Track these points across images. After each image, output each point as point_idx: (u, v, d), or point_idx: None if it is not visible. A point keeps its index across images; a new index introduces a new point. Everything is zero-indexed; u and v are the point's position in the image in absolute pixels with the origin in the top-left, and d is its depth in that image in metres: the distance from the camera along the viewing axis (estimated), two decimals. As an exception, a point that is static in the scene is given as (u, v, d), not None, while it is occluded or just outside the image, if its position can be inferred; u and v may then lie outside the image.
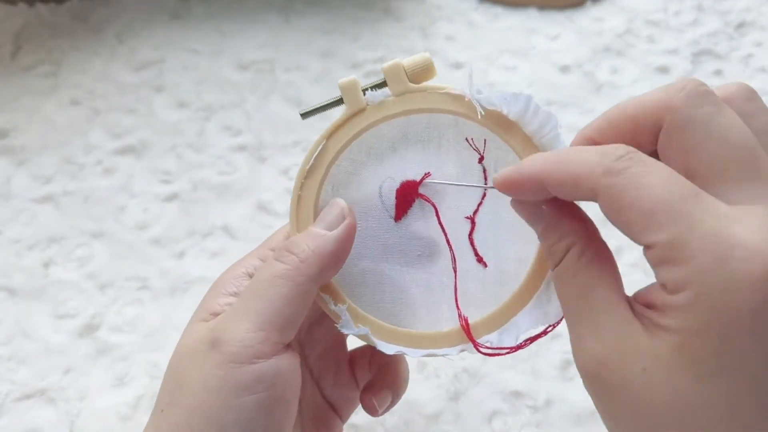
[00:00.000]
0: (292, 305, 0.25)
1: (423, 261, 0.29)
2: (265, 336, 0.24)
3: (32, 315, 0.43)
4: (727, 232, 0.18)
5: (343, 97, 0.27)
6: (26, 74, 0.58)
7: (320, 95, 0.57)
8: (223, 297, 0.27)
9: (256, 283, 0.25)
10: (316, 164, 0.27)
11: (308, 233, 0.26)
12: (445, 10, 0.67)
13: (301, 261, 0.25)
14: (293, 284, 0.25)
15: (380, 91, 0.27)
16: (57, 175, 0.51)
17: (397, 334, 0.27)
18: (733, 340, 0.18)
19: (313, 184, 0.27)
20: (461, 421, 0.39)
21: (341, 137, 0.28)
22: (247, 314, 0.24)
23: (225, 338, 0.24)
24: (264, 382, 0.24)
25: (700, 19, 0.66)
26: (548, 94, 0.58)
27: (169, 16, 0.64)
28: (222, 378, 0.23)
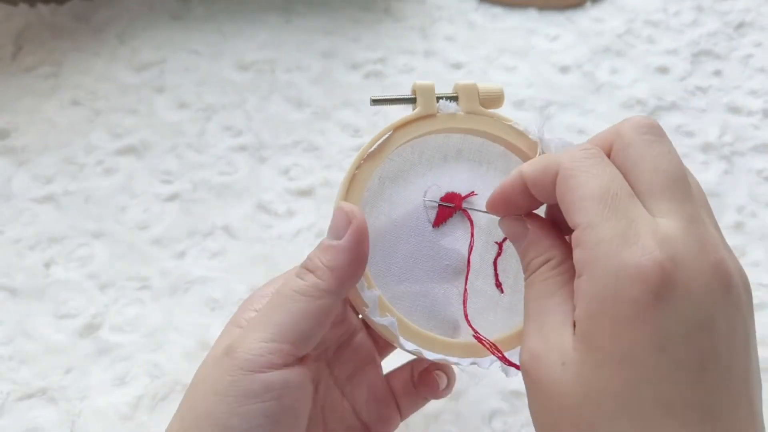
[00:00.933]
0: (308, 320, 0.25)
1: (449, 271, 0.29)
2: (277, 347, 0.25)
3: (33, 315, 0.43)
4: (636, 229, 0.21)
5: (418, 98, 0.28)
6: (27, 75, 0.59)
7: (321, 96, 0.58)
8: (249, 312, 0.28)
9: (276, 297, 0.26)
10: (377, 151, 0.28)
11: (321, 247, 0.26)
12: (445, 10, 0.67)
13: (317, 278, 0.25)
14: (310, 299, 0.25)
15: (452, 103, 0.29)
16: (58, 176, 0.51)
17: (416, 333, 0.28)
18: (623, 327, 0.20)
19: (369, 168, 0.28)
20: (461, 420, 0.39)
21: (406, 134, 0.28)
22: (264, 325, 0.25)
23: (238, 346, 0.25)
24: (271, 392, 0.24)
25: (700, 19, 0.66)
26: (548, 94, 0.59)
27: (170, 17, 0.65)
28: (231, 383, 0.24)
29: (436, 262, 0.29)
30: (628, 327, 0.20)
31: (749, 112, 0.58)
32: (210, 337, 0.42)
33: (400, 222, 0.29)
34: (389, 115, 0.56)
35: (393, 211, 0.29)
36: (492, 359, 0.28)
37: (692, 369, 0.20)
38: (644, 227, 0.21)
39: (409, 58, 0.61)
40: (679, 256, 0.20)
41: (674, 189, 0.22)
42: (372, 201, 0.28)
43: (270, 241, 0.47)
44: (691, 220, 0.21)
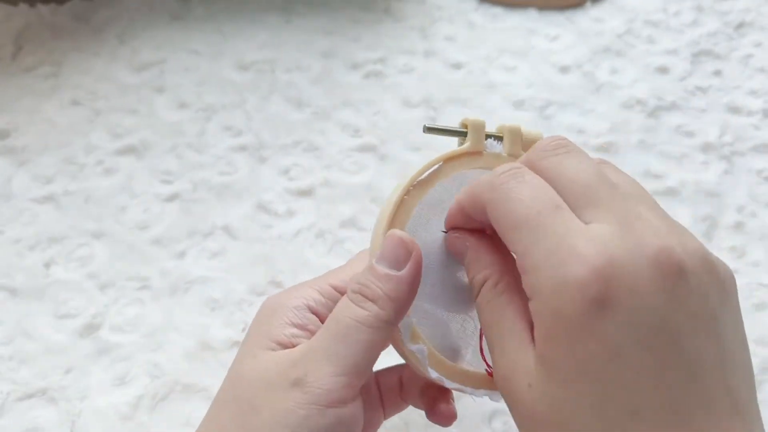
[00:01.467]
0: (372, 351, 0.25)
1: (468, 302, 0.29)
2: (348, 381, 0.25)
3: (33, 315, 0.43)
4: (567, 243, 0.20)
5: (469, 133, 0.29)
6: (27, 75, 0.59)
7: (321, 96, 0.58)
8: (289, 327, 0.27)
9: (337, 326, 0.25)
10: (426, 180, 0.29)
11: (377, 274, 0.26)
12: (446, 10, 0.67)
13: (380, 308, 0.25)
14: (374, 330, 0.25)
15: (498, 144, 0.30)
16: (58, 176, 0.51)
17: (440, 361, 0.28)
18: (574, 343, 0.20)
19: (417, 195, 0.28)
20: (461, 420, 0.39)
21: (454, 167, 0.29)
22: (330, 358, 0.25)
23: (309, 379, 0.24)
24: (343, 426, 0.24)
25: (700, 19, 0.66)
26: (548, 94, 0.59)
27: (170, 17, 0.65)
28: (304, 418, 0.24)
29: (459, 293, 0.29)
30: (579, 342, 0.19)
31: (749, 112, 0.58)
32: (210, 337, 0.42)
33: (434, 250, 0.29)
34: (389, 117, 0.56)
35: (429, 239, 0.29)
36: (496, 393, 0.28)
37: (653, 371, 0.19)
38: (576, 238, 0.20)
39: (409, 58, 0.61)
40: (616, 256, 0.19)
41: (596, 194, 0.21)
42: (411, 227, 0.29)
43: (270, 241, 0.47)
44: (623, 217, 0.21)
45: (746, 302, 0.44)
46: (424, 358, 0.27)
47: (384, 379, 0.33)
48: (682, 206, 0.50)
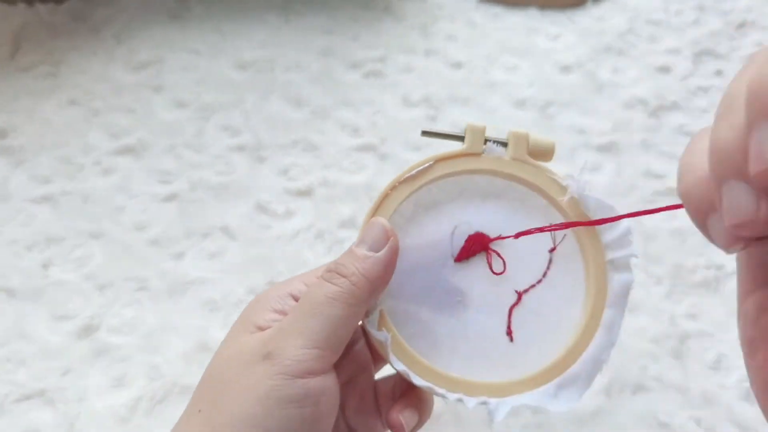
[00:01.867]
0: (345, 326, 0.26)
1: (458, 307, 0.30)
2: (318, 353, 0.25)
3: (31, 316, 0.43)
4: None
5: (467, 135, 0.29)
6: (25, 74, 0.58)
7: (320, 95, 0.57)
8: (269, 313, 0.28)
9: (309, 302, 0.26)
10: (416, 177, 0.29)
11: (354, 255, 0.27)
12: (446, 9, 0.66)
13: (352, 284, 0.26)
14: (346, 305, 0.26)
15: (499, 147, 0.29)
16: (55, 176, 0.51)
17: (410, 356, 0.28)
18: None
19: (404, 190, 0.29)
20: (462, 421, 0.38)
21: (448, 167, 0.29)
22: (302, 331, 0.25)
23: (279, 352, 0.25)
24: (311, 398, 0.25)
25: (701, 18, 0.66)
26: (549, 93, 0.58)
27: (168, 17, 0.64)
28: (272, 388, 0.24)
29: (449, 296, 0.30)
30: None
31: (751, 111, 0.57)
32: (209, 339, 0.41)
33: (425, 249, 0.29)
34: (388, 116, 0.56)
35: (420, 238, 0.29)
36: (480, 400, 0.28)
37: None
38: None
39: (409, 57, 0.61)
40: None
41: None
42: (402, 224, 0.29)
43: (269, 241, 0.47)
44: None
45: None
46: (388, 347, 0.27)
47: (381, 387, 0.33)
48: (684, 206, 0.50)
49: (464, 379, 0.28)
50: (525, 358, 0.29)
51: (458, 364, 0.29)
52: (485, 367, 0.29)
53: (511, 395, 0.28)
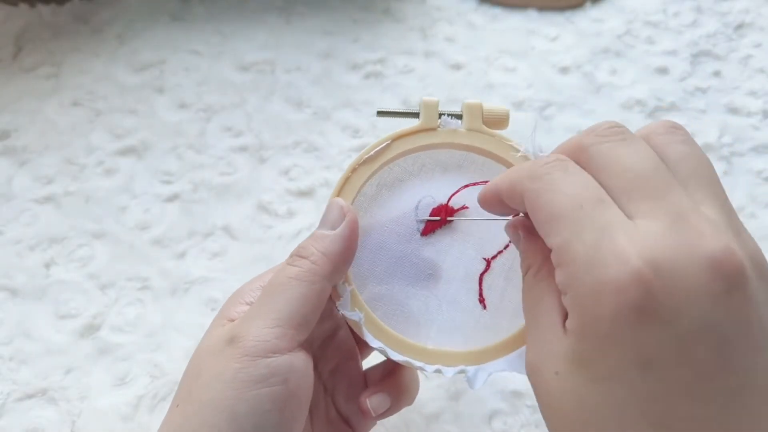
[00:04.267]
0: (307, 304, 0.26)
1: (429, 280, 0.30)
2: (281, 332, 0.25)
3: (33, 315, 0.43)
4: (607, 239, 0.19)
5: (421, 111, 0.29)
6: (27, 75, 0.59)
7: (321, 96, 0.58)
8: (241, 305, 0.28)
9: (271, 286, 0.26)
10: (375, 157, 0.29)
11: (314, 236, 0.27)
12: (445, 11, 0.67)
13: (312, 263, 0.26)
14: (307, 284, 0.26)
15: (454, 120, 0.30)
16: (58, 176, 0.51)
17: (385, 333, 0.29)
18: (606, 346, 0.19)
19: (364, 171, 0.29)
20: (461, 420, 0.39)
21: (406, 144, 0.29)
22: (265, 313, 0.26)
23: (242, 334, 0.25)
24: (278, 376, 0.25)
25: (699, 20, 0.66)
26: (548, 95, 0.59)
27: (170, 18, 0.65)
28: (237, 370, 0.24)
29: (419, 271, 0.30)
30: (611, 346, 0.19)
31: (749, 112, 0.58)
32: (210, 338, 0.42)
33: (390, 227, 0.30)
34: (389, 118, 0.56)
35: (385, 216, 0.30)
36: (457, 369, 0.28)
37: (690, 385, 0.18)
38: (620, 234, 0.19)
39: (409, 59, 0.61)
40: (662, 260, 0.18)
41: (650, 185, 0.20)
42: (366, 205, 0.29)
43: (270, 241, 0.47)
44: (675, 214, 0.19)
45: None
46: (362, 325, 0.28)
47: (371, 376, 0.33)
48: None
49: (441, 350, 0.29)
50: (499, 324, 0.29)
51: (435, 336, 0.29)
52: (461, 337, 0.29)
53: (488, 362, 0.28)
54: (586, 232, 0.20)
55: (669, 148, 0.22)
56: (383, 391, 0.31)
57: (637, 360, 0.18)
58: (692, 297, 0.18)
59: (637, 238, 0.19)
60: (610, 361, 0.19)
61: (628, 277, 0.18)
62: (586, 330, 0.19)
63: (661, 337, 0.18)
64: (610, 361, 0.19)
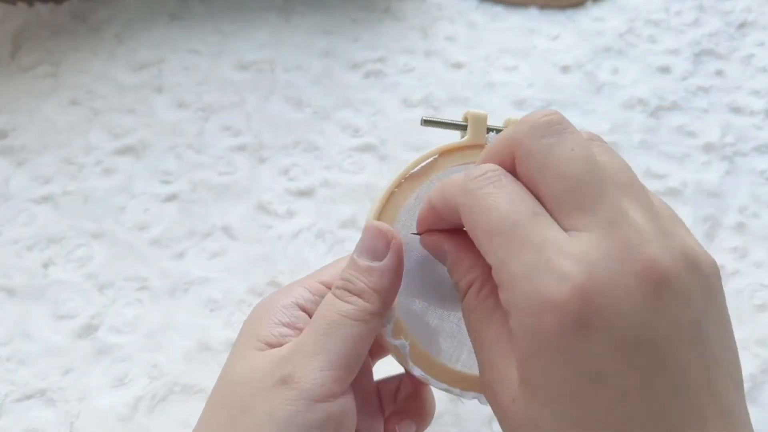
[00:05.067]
0: (360, 344, 0.25)
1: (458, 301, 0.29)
2: (337, 375, 0.24)
3: (32, 315, 0.43)
4: (545, 257, 0.19)
5: (469, 126, 0.28)
6: (25, 74, 0.58)
7: (321, 95, 0.57)
8: (276, 327, 0.27)
9: (323, 321, 0.25)
10: (420, 173, 0.28)
11: (359, 268, 0.26)
12: (446, 10, 0.66)
13: (366, 301, 0.25)
14: (360, 323, 0.25)
15: None
16: (56, 176, 0.51)
17: (425, 359, 0.28)
18: (552, 365, 0.19)
19: (409, 188, 0.28)
20: (462, 422, 0.39)
21: (452, 160, 0.28)
22: (318, 353, 0.24)
23: (297, 375, 0.24)
24: (332, 422, 0.24)
25: (702, 19, 0.66)
26: (549, 94, 0.58)
27: (168, 17, 0.64)
28: (292, 414, 0.24)
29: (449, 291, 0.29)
30: (558, 364, 0.19)
31: (751, 112, 0.58)
32: (210, 338, 0.41)
33: None
34: (389, 117, 0.56)
35: None
36: None
37: (638, 388, 0.18)
38: (556, 251, 0.19)
39: (409, 58, 0.61)
40: (597, 273, 0.18)
41: (583, 194, 0.20)
42: (404, 218, 0.28)
43: (270, 241, 0.47)
44: (608, 224, 0.19)
45: (748, 303, 0.44)
46: (406, 354, 0.27)
47: (385, 388, 0.32)
48: (684, 207, 0.50)
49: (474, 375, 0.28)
50: None
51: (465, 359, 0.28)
52: None
53: None
54: (523, 250, 0.19)
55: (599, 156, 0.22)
56: (409, 417, 0.31)
57: (586, 374, 0.18)
58: (626, 305, 0.18)
59: (572, 254, 0.19)
60: (557, 380, 0.19)
61: (567, 293, 0.18)
62: (530, 350, 0.19)
63: (606, 349, 0.18)
64: (557, 380, 0.19)
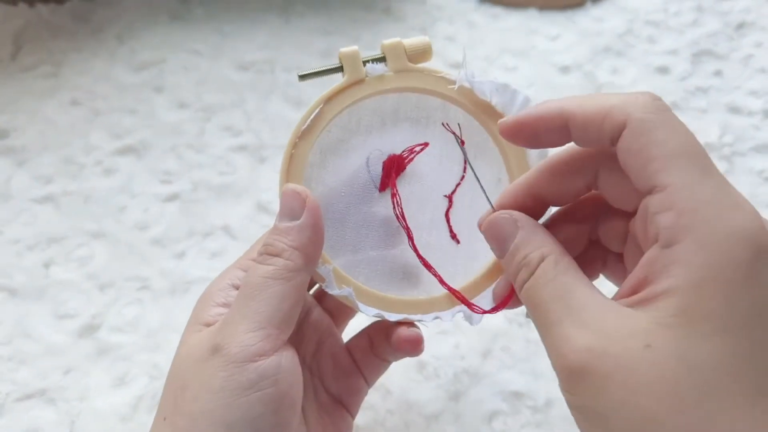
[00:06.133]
0: (287, 300, 0.25)
1: (400, 233, 0.29)
2: (265, 334, 0.24)
3: (32, 315, 0.43)
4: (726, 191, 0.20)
5: (344, 65, 0.28)
6: (27, 75, 0.58)
7: (320, 95, 0.57)
8: (214, 308, 0.27)
9: (247, 288, 0.26)
10: (311, 126, 0.28)
11: (278, 230, 0.26)
12: (446, 10, 0.67)
13: (286, 259, 0.25)
14: (283, 281, 0.25)
15: (379, 65, 0.28)
16: (57, 176, 0.51)
17: (377, 297, 0.28)
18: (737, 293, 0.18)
19: (305, 145, 0.28)
20: (461, 421, 0.39)
21: (338, 104, 0.28)
22: (245, 316, 0.25)
23: (225, 341, 0.24)
24: (267, 379, 0.24)
25: (700, 19, 0.66)
26: (548, 94, 0.58)
27: (169, 17, 0.64)
28: (225, 379, 0.24)
29: (388, 227, 0.29)
30: (742, 292, 0.18)
31: (750, 112, 0.58)
32: (210, 338, 0.42)
33: (347, 192, 0.29)
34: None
35: (338, 183, 0.29)
36: (454, 311, 0.28)
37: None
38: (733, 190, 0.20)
39: (409, 58, 0.61)
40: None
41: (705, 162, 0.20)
42: (316, 175, 0.28)
43: (270, 241, 0.47)
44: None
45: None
46: (354, 299, 0.27)
47: (355, 345, 0.32)
48: (683, 206, 0.50)
49: (431, 297, 0.28)
50: (477, 252, 0.29)
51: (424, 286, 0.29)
52: (446, 278, 0.29)
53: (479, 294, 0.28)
54: (711, 178, 0.20)
55: None
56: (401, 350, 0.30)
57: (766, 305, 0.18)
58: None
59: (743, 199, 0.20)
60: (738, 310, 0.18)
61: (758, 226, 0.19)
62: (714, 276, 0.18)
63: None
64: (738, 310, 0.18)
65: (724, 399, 0.18)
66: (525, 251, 0.23)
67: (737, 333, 0.18)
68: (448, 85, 0.28)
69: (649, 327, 0.19)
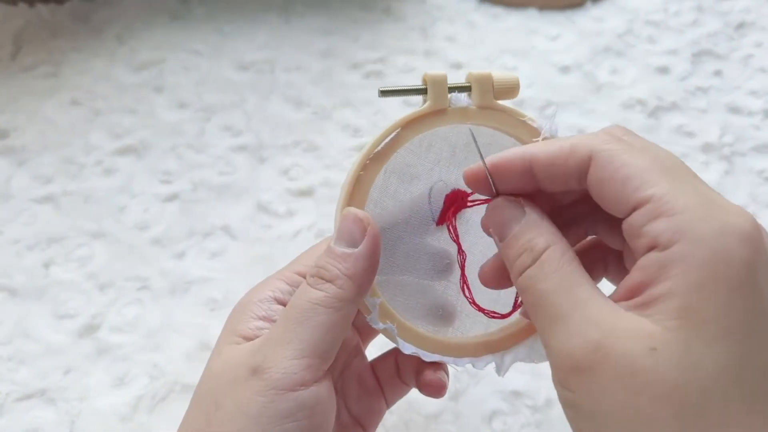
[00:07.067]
0: (333, 331, 0.24)
1: (447, 270, 0.28)
2: (307, 363, 0.24)
3: (32, 315, 0.43)
4: (715, 195, 0.20)
5: (429, 90, 0.27)
6: (26, 75, 0.58)
7: (321, 95, 0.57)
8: (253, 320, 0.26)
9: (295, 310, 0.25)
10: (385, 151, 0.27)
11: (334, 254, 0.25)
12: (446, 10, 0.67)
13: (338, 287, 0.25)
14: (333, 310, 0.24)
15: (463, 95, 0.27)
16: (57, 176, 0.51)
17: (416, 335, 0.27)
18: (737, 293, 0.18)
19: (375, 168, 0.27)
20: (461, 420, 0.39)
21: (415, 131, 0.27)
22: (289, 342, 0.24)
23: (267, 365, 0.24)
24: (305, 410, 0.24)
25: (700, 19, 0.66)
26: (548, 94, 0.58)
27: (169, 17, 0.64)
28: (263, 405, 0.23)
29: (437, 261, 0.28)
30: (742, 292, 0.18)
31: (750, 112, 0.58)
32: (210, 338, 0.42)
33: (403, 219, 0.28)
34: (389, 116, 0.56)
35: (396, 208, 0.28)
36: (487, 360, 0.27)
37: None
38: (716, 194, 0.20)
39: (409, 58, 0.61)
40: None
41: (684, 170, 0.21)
42: (376, 196, 0.27)
43: (270, 241, 0.47)
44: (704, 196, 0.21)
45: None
46: (395, 335, 0.27)
47: (380, 366, 0.32)
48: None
49: (466, 341, 0.28)
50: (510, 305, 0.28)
51: (458, 325, 0.28)
52: (484, 326, 0.28)
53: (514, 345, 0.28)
54: (689, 184, 0.20)
55: None
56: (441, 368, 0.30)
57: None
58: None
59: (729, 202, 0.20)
60: (737, 313, 0.18)
61: (751, 225, 0.19)
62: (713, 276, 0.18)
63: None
64: (737, 313, 0.18)
65: (725, 405, 0.18)
66: (529, 235, 0.23)
67: (738, 337, 0.18)
68: (532, 135, 0.27)
69: (654, 330, 0.19)
